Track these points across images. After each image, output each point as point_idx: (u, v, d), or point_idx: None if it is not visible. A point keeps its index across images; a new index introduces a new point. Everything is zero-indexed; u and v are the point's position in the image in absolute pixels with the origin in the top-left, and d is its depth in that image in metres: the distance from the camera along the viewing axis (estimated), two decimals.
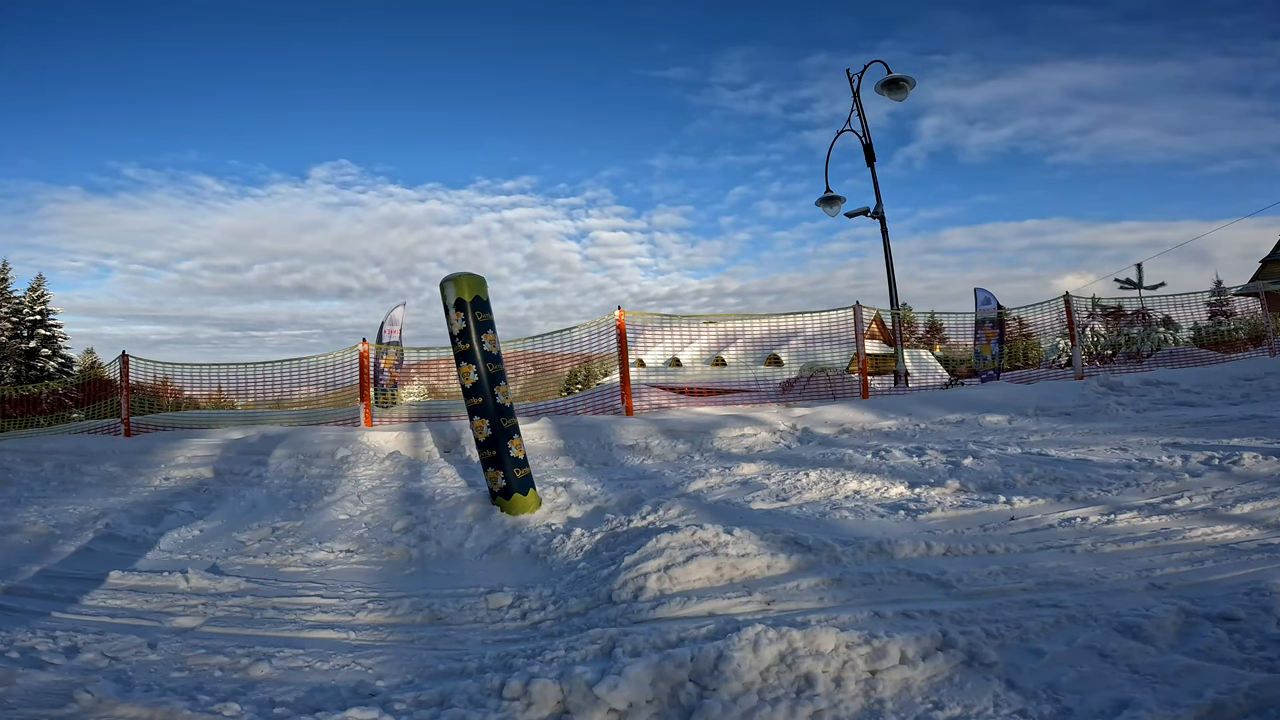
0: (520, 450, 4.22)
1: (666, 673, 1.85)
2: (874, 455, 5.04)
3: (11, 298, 32.81)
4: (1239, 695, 1.58)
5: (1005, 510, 3.47)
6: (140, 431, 9.25)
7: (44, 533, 3.82)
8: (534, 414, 8.40)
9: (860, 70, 12.06)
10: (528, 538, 3.60)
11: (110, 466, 7.01)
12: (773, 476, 4.63)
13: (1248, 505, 3.13)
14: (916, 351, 29.46)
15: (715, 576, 2.66)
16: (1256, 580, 2.21)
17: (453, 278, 4.24)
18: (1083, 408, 6.95)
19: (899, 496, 3.92)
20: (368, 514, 4.17)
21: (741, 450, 6.22)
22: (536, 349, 11.11)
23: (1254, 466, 3.78)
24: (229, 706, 1.87)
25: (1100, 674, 1.78)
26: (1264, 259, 26.94)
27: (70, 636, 2.41)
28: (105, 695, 1.91)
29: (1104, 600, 2.21)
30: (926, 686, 1.79)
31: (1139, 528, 2.99)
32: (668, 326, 10.14)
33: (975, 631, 2.00)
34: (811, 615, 2.23)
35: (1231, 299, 17.51)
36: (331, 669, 2.18)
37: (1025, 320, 12.00)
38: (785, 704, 1.71)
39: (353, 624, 2.60)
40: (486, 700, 1.84)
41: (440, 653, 2.29)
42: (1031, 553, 2.79)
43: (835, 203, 12.64)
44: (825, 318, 9.92)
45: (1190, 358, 10.66)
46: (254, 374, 9.83)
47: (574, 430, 6.99)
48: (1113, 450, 4.62)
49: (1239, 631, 1.91)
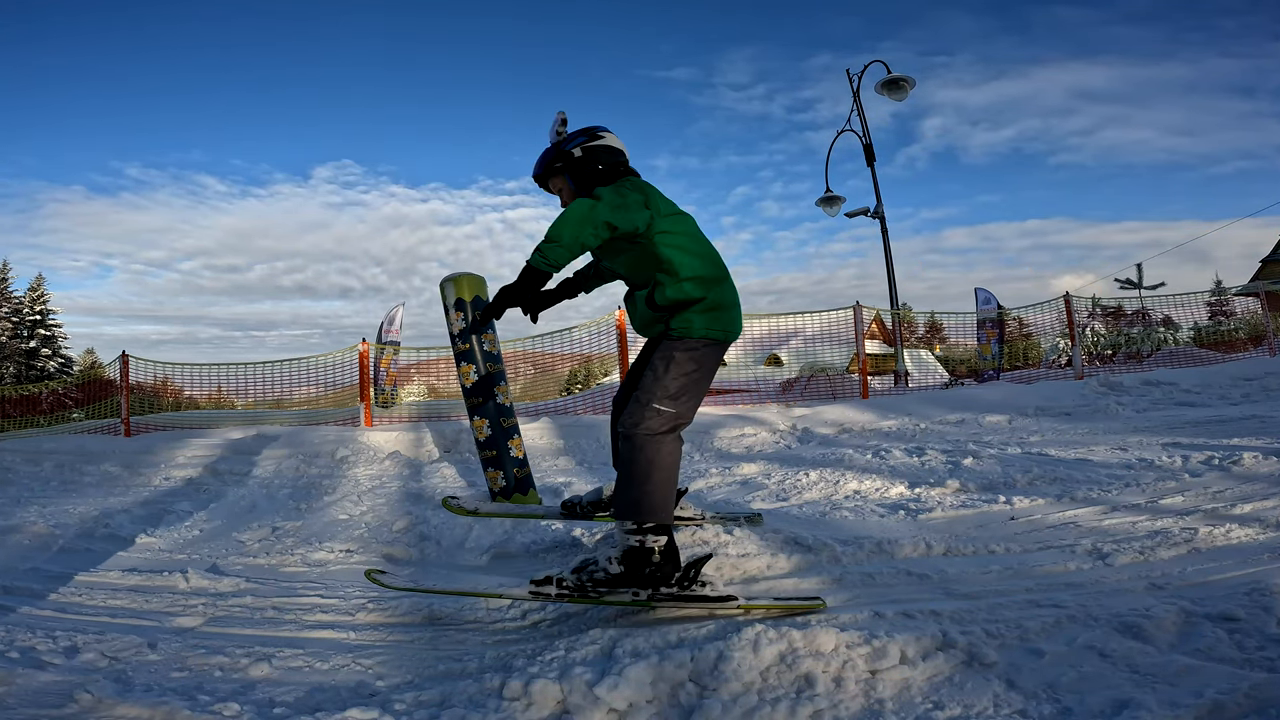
0: (520, 450, 4.22)
1: (666, 673, 1.85)
2: (874, 455, 5.04)
3: (12, 298, 32.81)
4: (1239, 695, 1.58)
5: (1005, 510, 3.47)
6: (140, 431, 9.26)
7: (44, 533, 3.82)
8: (534, 414, 8.40)
9: (860, 70, 12.07)
10: (528, 538, 3.60)
11: (110, 466, 7.02)
12: (773, 476, 4.63)
13: (1248, 505, 3.13)
14: (916, 351, 29.45)
15: (715, 576, 2.66)
16: (1257, 580, 2.21)
17: (453, 278, 4.24)
18: (1083, 408, 6.95)
19: (899, 496, 3.92)
20: (368, 514, 4.18)
21: (741, 450, 6.22)
22: (536, 349, 11.12)
23: (1254, 466, 3.78)
24: (229, 706, 1.87)
25: (1100, 674, 1.78)
26: (1264, 259, 26.97)
27: (70, 636, 2.41)
28: (105, 695, 1.91)
29: (1104, 600, 2.21)
30: (926, 686, 1.79)
31: (1139, 527, 2.99)
32: None
33: (975, 631, 2.00)
34: (811, 615, 2.23)
35: (1231, 299, 17.51)
36: (331, 669, 2.18)
37: (1025, 320, 12.01)
38: (785, 704, 1.71)
39: (353, 624, 2.60)
40: (486, 700, 1.84)
41: (440, 653, 2.29)
42: (1031, 552, 2.79)
43: (835, 203, 12.65)
44: (825, 318, 9.93)
45: (1190, 358, 10.66)
46: (254, 374, 9.83)
47: (574, 430, 7.00)
48: (1113, 450, 4.62)
49: (1239, 631, 1.91)
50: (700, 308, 2.29)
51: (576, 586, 2.18)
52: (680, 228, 2.36)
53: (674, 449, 2.22)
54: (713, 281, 2.34)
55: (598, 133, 2.49)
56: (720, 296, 2.35)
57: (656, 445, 2.17)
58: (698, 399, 2.29)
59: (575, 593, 2.17)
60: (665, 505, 2.18)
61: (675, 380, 2.22)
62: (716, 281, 2.36)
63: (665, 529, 2.18)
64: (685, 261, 2.31)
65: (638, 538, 2.16)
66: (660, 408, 2.18)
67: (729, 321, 2.37)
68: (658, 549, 2.15)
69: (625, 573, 2.15)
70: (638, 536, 2.15)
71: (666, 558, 2.17)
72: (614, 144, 2.49)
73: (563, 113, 2.46)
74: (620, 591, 2.16)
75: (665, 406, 2.18)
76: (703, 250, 2.39)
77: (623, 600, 2.17)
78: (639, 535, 2.15)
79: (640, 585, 2.15)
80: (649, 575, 2.15)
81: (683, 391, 2.22)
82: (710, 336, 2.30)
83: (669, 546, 2.18)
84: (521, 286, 2.15)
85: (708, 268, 2.36)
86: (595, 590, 2.16)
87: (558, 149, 2.49)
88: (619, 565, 2.15)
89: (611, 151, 2.47)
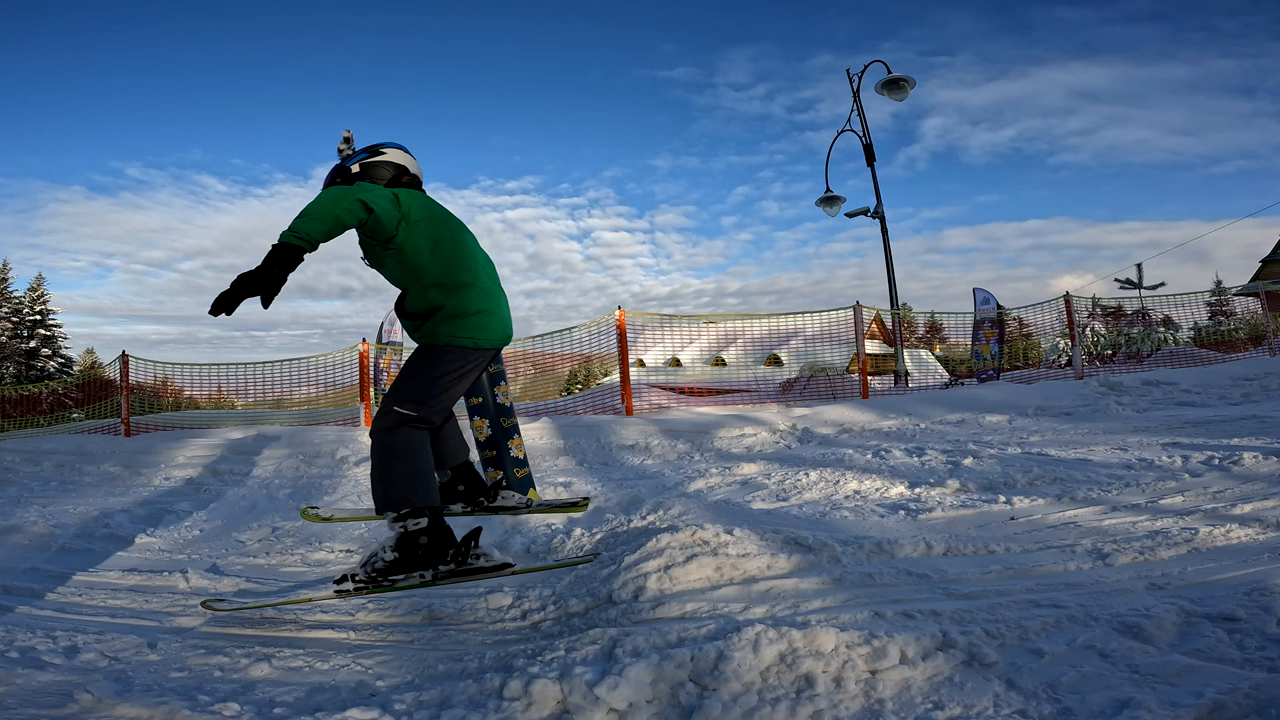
0: (520, 450, 4.22)
1: (666, 673, 1.85)
2: (874, 455, 5.05)
3: (12, 298, 32.82)
4: (1239, 695, 1.58)
5: (1005, 510, 3.47)
6: (140, 431, 9.26)
7: (44, 533, 3.82)
8: (534, 414, 8.40)
9: (860, 71, 12.07)
10: (528, 537, 3.60)
11: (110, 466, 7.02)
12: (773, 476, 4.63)
13: (1248, 505, 3.13)
14: (916, 351, 29.47)
15: (715, 576, 2.66)
16: (1257, 580, 2.21)
17: None
18: (1083, 408, 6.95)
19: (899, 496, 3.92)
20: None
21: (742, 450, 6.22)
22: (537, 349, 11.11)
23: (1254, 466, 3.78)
24: (229, 706, 1.87)
25: (1100, 674, 1.78)
26: (1264, 259, 26.96)
27: (70, 636, 2.41)
28: (105, 695, 1.91)
29: (1104, 600, 2.21)
30: (927, 686, 1.79)
31: (1139, 527, 2.99)
32: (668, 326, 10.14)
33: (975, 631, 2.00)
34: (811, 615, 2.23)
35: (1231, 299, 17.50)
36: (331, 669, 2.18)
37: (1025, 320, 12.01)
38: (785, 704, 1.71)
39: (353, 624, 2.60)
40: (487, 700, 1.84)
41: (440, 653, 2.29)
42: (1031, 552, 2.79)
43: (835, 203, 12.65)
44: (825, 318, 9.93)
45: (1190, 358, 10.66)
46: (254, 374, 9.83)
47: (574, 430, 7.00)
48: (1113, 450, 4.62)
49: (1239, 631, 1.91)
50: (442, 315, 2.34)
51: (368, 579, 2.31)
52: (426, 232, 2.37)
53: (410, 437, 2.31)
54: (455, 289, 2.37)
55: (379, 149, 2.57)
56: (463, 304, 2.36)
57: (391, 439, 2.29)
58: (449, 400, 2.40)
59: (369, 585, 2.31)
60: (412, 492, 2.29)
61: (419, 385, 2.33)
62: (461, 288, 2.37)
63: (421, 512, 2.30)
64: (427, 268, 2.35)
65: (400, 525, 2.30)
66: (401, 410, 2.29)
67: (477, 328, 2.38)
68: (421, 532, 2.29)
69: (401, 559, 2.30)
70: (400, 524, 2.29)
71: (434, 538, 2.30)
72: (395, 159, 2.55)
73: (347, 130, 2.58)
74: (408, 576, 2.31)
75: (406, 409, 2.30)
76: (450, 257, 2.40)
77: (413, 583, 2.31)
78: (400, 523, 2.29)
79: (419, 567, 2.30)
80: (423, 556, 2.29)
81: (427, 396, 2.32)
82: (456, 344, 2.35)
83: (433, 528, 2.31)
84: (268, 266, 2.01)
85: (452, 275, 2.38)
86: (384, 578, 2.31)
87: (339, 166, 2.57)
88: (393, 553, 2.30)
89: (390, 166, 2.53)
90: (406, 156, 2.60)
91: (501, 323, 2.48)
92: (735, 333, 22.00)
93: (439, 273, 2.37)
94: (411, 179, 2.59)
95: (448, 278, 2.38)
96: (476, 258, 2.51)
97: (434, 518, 2.32)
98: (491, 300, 2.46)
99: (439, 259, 2.37)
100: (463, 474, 2.71)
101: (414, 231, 2.34)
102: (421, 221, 2.37)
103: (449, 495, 2.68)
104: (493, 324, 2.43)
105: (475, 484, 2.72)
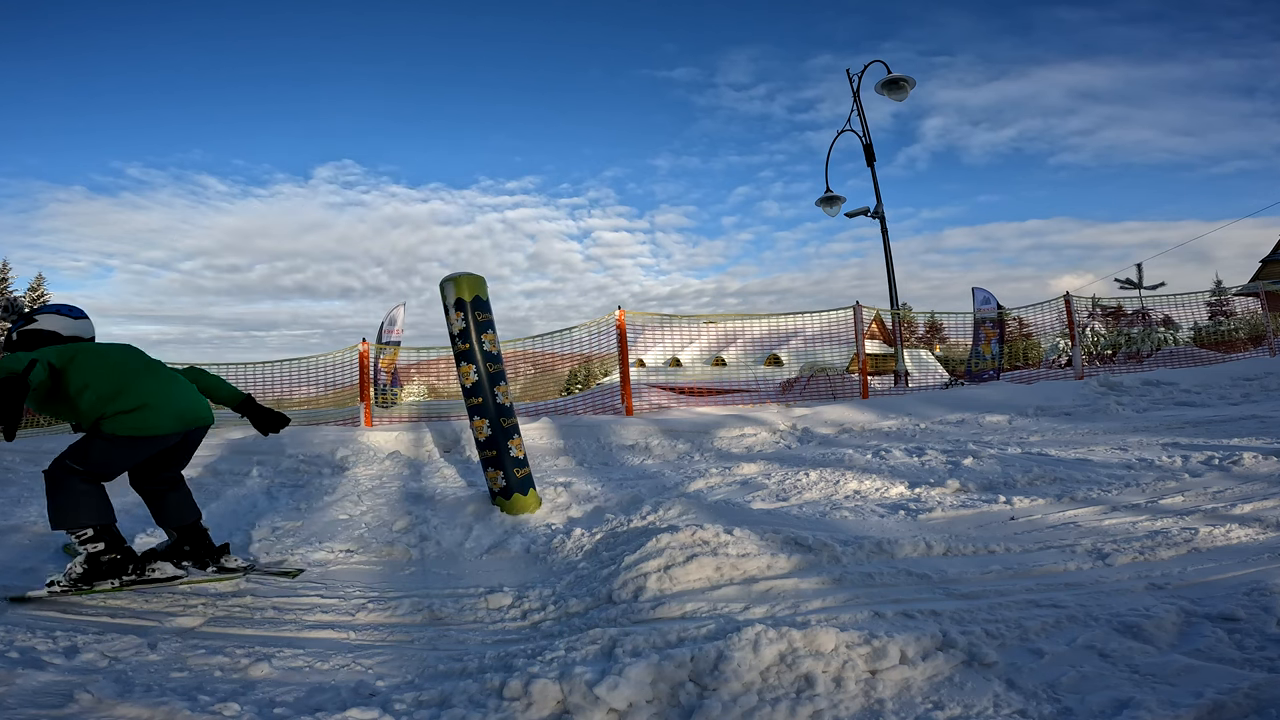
0: (520, 450, 4.22)
1: (666, 673, 1.85)
2: (874, 455, 5.05)
3: (11, 297, 32.81)
4: (1239, 695, 1.58)
5: (1005, 510, 3.47)
6: None
7: (44, 533, 3.82)
8: (534, 414, 8.40)
9: (861, 71, 12.07)
10: (528, 538, 3.60)
11: None
12: (773, 476, 4.63)
13: (1248, 505, 3.13)
14: (916, 351, 29.48)
15: (715, 576, 2.66)
16: (1256, 580, 2.21)
17: (453, 278, 4.24)
18: (1083, 408, 6.95)
19: (899, 496, 3.92)
20: (368, 514, 4.18)
21: (741, 450, 6.22)
22: (536, 349, 11.11)
23: (1254, 466, 3.78)
24: (229, 706, 1.87)
25: (1100, 674, 1.78)
26: (1264, 259, 26.95)
27: (70, 636, 2.41)
28: (105, 695, 1.91)
29: (1104, 600, 2.21)
30: (926, 686, 1.79)
31: (1139, 527, 2.99)
32: (668, 326, 10.13)
33: (975, 631, 2.00)
34: (812, 615, 2.23)
35: (1231, 299, 17.50)
36: (331, 669, 2.18)
37: (1025, 320, 12.00)
38: (785, 704, 1.71)
39: (353, 624, 2.60)
40: (487, 700, 1.84)
41: (440, 653, 2.29)
42: (1031, 552, 2.79)
43: (835, 203, 12.64)
44: (825, 318, 9.92)
45: (1190, 358, 10.66)
46: (254, 374, 9.81)
47: (574, 430, 6.99)
48: (1113, 450, 4.62)
49: (1239, 631, 1.91)
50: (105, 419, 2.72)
51: (70, 584, 2.74)
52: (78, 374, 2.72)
53: (75, 484, 2.70)
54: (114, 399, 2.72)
55: (33, 317, 2.94)
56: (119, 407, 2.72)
57: (57, 482, 2.71)
58: (116, 469, 2.80)
59: (71, 589, 2.74)
60: (75, 517, 2.70)
61: (88, 456, 2.72)
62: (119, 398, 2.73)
63: (95, 537, 2.73)
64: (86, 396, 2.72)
65: (80, 544, 2.73)
66: (71, 464, 2.70)
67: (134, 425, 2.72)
68: (101, 550, 2.73)
69: (90, 570, 2.74)
70: (81, 544, 2.73)
71: (113, 554, 2.76)
72: (47, 326, 2.90)
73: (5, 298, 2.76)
74: (100, 582, 2.75)
75: (75, 464, 2.70)
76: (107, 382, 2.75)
77: (105, 589, 2.76)
78: (81, 544, 2.73)
79: (107, 576, 2.75)
80: (107, 568, 2.75)
81: (96, 464, 2.72)
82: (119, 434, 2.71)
83: (110, 547, 2.76)
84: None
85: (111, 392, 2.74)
86: (82, 583, 2.75)
87: (8, 334, 2.95)
88: (84, 565, 2.75)
89: (40, 334, 2.88)
90: (60, 320, 2.92)
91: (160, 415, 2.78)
92: (735, 333, 22.00)
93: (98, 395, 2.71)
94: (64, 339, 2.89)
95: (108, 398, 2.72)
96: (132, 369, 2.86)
97: (110, 541, 2.76)
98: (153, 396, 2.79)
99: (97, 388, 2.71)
100: (189, 535, 3.02)
101: (70, 379, 2.69)
102: (69, 368, 2.70)
103: (174, 554, 2.99)
104: (150, 417, 2.75)
105: (201, 544, 3.03)
